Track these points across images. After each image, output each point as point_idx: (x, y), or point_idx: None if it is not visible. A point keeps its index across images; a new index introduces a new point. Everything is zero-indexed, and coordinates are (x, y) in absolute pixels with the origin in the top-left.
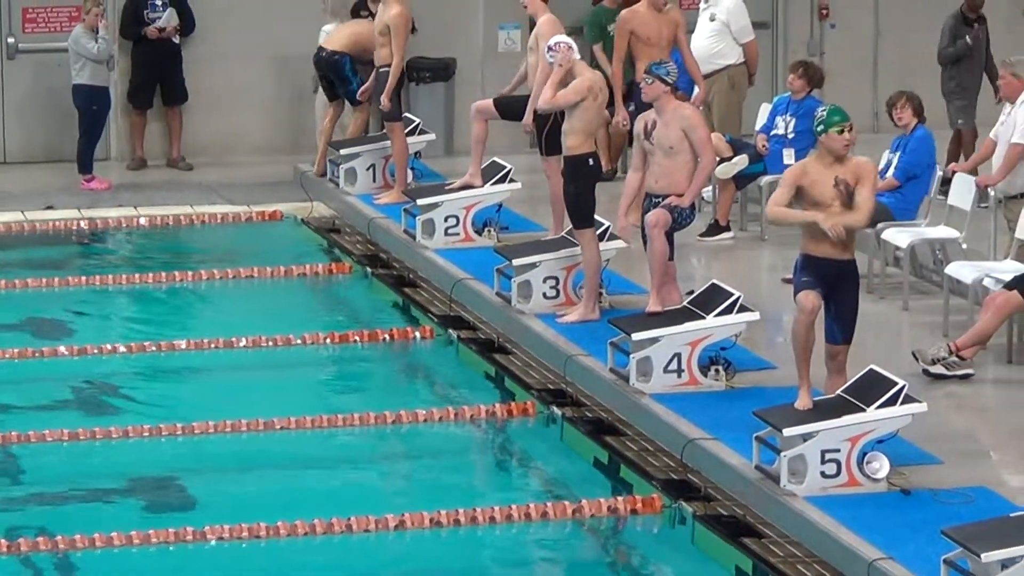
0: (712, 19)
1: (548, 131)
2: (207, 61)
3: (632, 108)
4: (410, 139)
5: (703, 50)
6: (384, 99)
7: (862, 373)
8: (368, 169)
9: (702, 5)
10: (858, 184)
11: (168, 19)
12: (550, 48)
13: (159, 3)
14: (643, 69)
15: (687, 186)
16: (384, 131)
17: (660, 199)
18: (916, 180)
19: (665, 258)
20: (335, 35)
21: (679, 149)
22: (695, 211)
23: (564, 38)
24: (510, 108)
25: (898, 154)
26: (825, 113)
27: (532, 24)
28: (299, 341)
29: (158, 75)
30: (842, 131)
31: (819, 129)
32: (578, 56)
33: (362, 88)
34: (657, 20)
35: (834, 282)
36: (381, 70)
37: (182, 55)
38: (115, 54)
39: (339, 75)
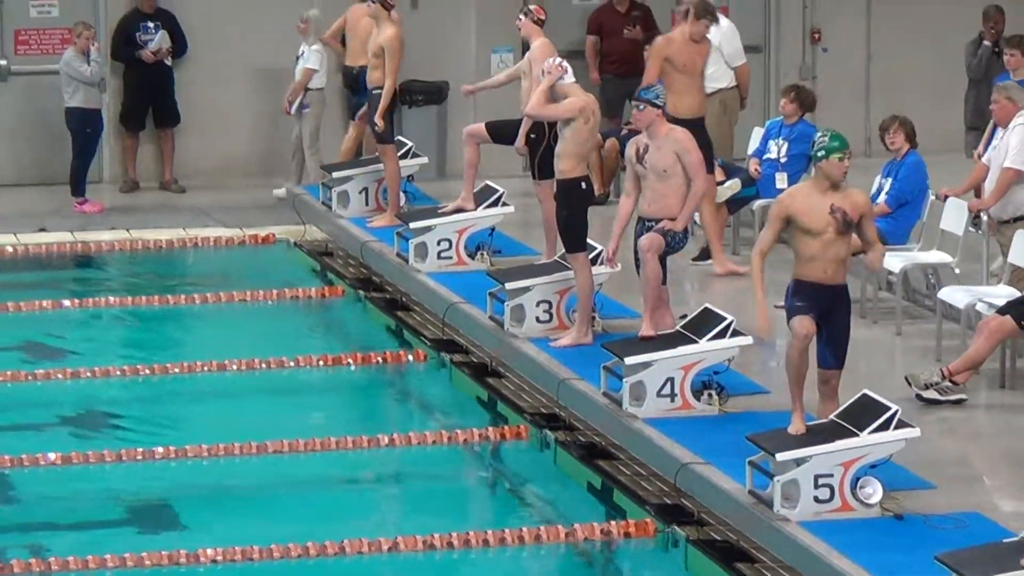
0: None
1: (541, 155)
2: (199, 83)
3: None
4: (403, 162)
5: None
6: (378, 119)
7: (855, 398)
8: (361, 192)
9: None
10: (863, 220)
11: (160, 41)
12: (543, 72)
13: (151, 25)
14: (676, 97)
15: (680, 210)
16: (377, 154)
17: (653, 223)
18: (908, 205)
19: (658, 282)
20: (352, 49)
21: (672, 173)
22: (688, 235)
23: (560, 60)
24: (502, 132)
25: (890, 180)
26: (826, 139)
27: (525, 48)
28: (292, 364)
29: (150, 97)
30: (842, 158)
31: (819, 155)
32: (573, 79)
33: (360, 112)
34: (691, 49)
35: (826, 307)
36: (374, 92)
37: (174, 77)
38: (106, 76)
39: (361, 88)
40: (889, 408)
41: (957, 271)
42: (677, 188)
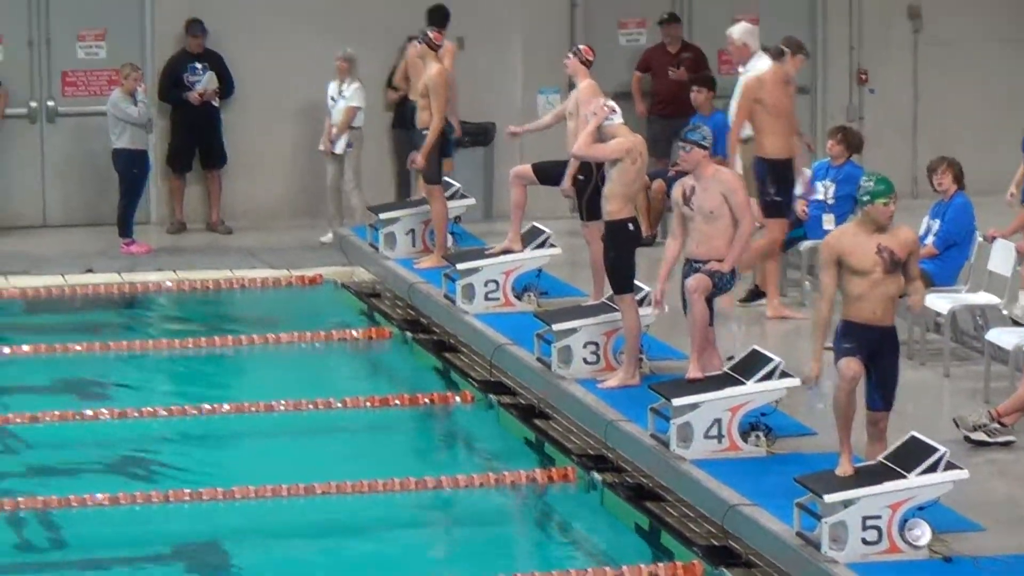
0: None
1: (588, 196)
2: (244, 124)
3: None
4: (450, 203)
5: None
6: (419, 158)
7: (903, 440)
8: (408, 233)
9: (740, 69)
10: (910, 257)
11: (208, 83)
12: (594, 114)
13: (199, 66)
14: (765, 138)
15: (727, 251)
16: (423, 195)
17: (700, 264)
18: (956, 247)
19: (706, 323)
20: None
21: (719, 214)
22: (735, 276)
23: (608, 101)
24: (548, 173)
25: (937, 221)
26: (872, 183)
27: (571, 86)
28: (339, 405)
29: (197, 139)
30: (887, 203)
31: (864, 199)
32: (621, 120)
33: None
34: (781, 89)
35: (875, 349)
36: (423, 132)
37: (221, 118)
38: (153, 117)
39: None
40: (937, 450)
41: (1005, 312)
42: (724, 229)
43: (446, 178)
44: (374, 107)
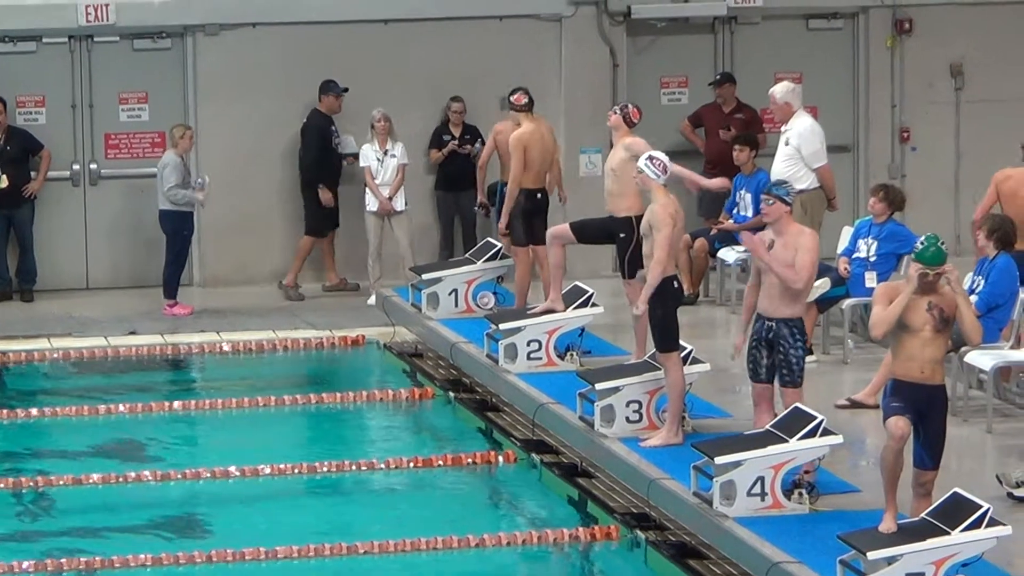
0: (787, 143)
1: (630, 254)
2: None
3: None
4: (492, 264)
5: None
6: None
7: (946, 496)
8: (450, 294)
9: (783, 128)
10: (958, 311)
11: (348, 145)
12: (651, 157)
13: (334, 128)
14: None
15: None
16: (466, 255)
17: (773, 323)
18: (1000, 308)
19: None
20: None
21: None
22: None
23: (661, 155)
24: (586, 231)
25: (981, 280)
26: (920, 246)
27: (611, 145)
28: (383, 466)
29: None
30: (924, 271)
31: (912, 254)
32: (664, 183)
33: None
34: None
35: (924, 408)
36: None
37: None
38: (205, 183)
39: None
40: (980, 506)
41: None
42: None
43: (489, 239)
44: (414, 169)
